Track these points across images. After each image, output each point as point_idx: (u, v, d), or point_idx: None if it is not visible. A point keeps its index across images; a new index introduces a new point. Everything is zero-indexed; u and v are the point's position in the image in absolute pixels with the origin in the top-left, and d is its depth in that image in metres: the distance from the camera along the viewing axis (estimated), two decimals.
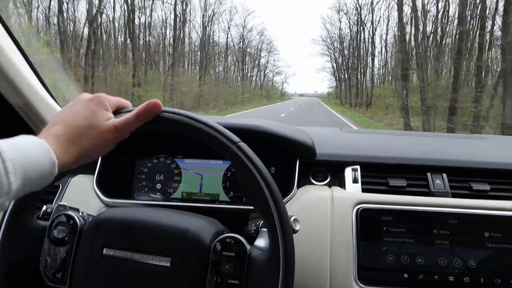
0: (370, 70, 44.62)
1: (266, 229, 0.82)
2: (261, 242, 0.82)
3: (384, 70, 40.72)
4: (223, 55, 48.84)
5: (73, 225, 0.85)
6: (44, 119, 1.22)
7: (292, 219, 0.78)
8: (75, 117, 0.72)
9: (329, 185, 1.17)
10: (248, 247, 0.78)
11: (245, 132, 1.08)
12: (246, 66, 60.16)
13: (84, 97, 0.76)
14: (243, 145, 0.77)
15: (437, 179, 1.13)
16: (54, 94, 1.30)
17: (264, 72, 74.93)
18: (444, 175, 1.14)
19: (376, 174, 1.15)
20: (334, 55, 62.75)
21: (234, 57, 54.83)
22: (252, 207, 1.06)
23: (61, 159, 0.66)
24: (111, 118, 0.75)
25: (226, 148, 0.76)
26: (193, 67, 39.15)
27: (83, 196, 1.17)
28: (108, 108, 0.76)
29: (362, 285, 0.97)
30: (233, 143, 0.76)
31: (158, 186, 1.25)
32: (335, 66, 66.08)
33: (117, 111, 0.79)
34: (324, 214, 1.04)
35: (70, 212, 0.88)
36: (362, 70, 46.19)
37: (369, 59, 44.47)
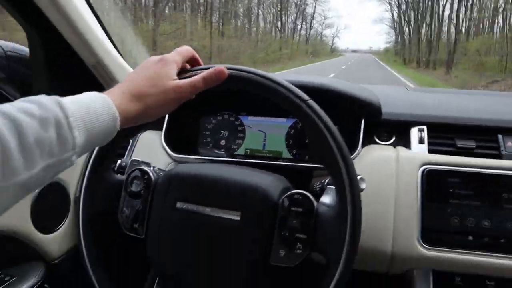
0: (454, 13, 34.26)
1: (332, 187, 0.84)
2: (327, 199, 0.84)
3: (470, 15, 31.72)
4: None
5: (148, 180, 0.91)
6: (115, 77, 1.27)
7: (358, 177, 0.79)
8: (140, 77, 0.74)
9: (394, 145, 1.15)
10: (315, 203, 0.81)
11: (310, 90, 1.08)
12: (288, 16, 53.70)
13: (152, 59, 0.78)
14: (313, 103, 0.77)
15: (508, 141, 1.08)
16: (122, 52, 1.35)
17: (311, 23, 68.63)
18: None
19: (444, 134, 1.12)
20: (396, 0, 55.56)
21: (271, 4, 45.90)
22: (315, 165, 1.08)
23: (123, 114, 0.67)
24: (175, 79, 0.76)
25: (296, 106, 0.77)
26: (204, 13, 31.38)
27: (152, 151, 1.22)
28: (173, 69, 0.76)
29: (425, 246, 0.97)
30: (303, 101, 0.77)
31: (222, 142, 1.29)
32: (395, 15, 60.23)
33: (186, 70, 0.80)
34: (389, 174, 1.03)
35: (144, 167, 0.93)
36: (437, 14, 36.86)
37: None
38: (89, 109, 0.62)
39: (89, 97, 0.65)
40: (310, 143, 0.79)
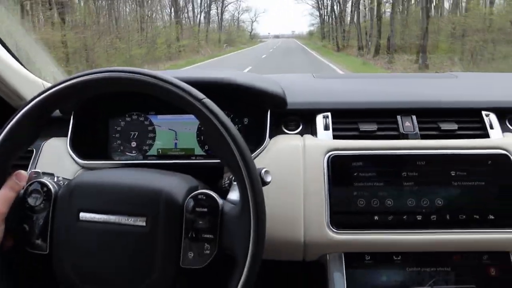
0: None
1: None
2: (233, 195, 0.85)
3: None
4: None
5: (47, 192, 0.86)
6: (11, 85, 1.20)
7: (263, 171, 0.80)
8: None
9: (302, 133, 1.18)
10: (220, 201, 0.81)
11: (212, 86, 1.08)
12: None
13: None
14: (208, 101, 0.77)
15: (406, 121, 1.15)
16: (17, 55, 1.27)
17: (222, 7, 60.21)
18: (414, 116, 1.15)
19: (347, 120, 1.16)
20: None
21: None
22: None
23: None
24: None
25: (191, 106, 0.76)
26: None
27: (58, 160, 1.17)
28: None
29: (335, 230, 1.01)
30: (198, 100, 0.76)
31: (133, 144, 1.26)
32: None
33: None
34: (296, 163, 1.06)
35: (44, 179, 0.88)
36: None
37: None
38: None
39: None
40: (208, 142, 0.79)
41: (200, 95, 0.77)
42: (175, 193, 0.83)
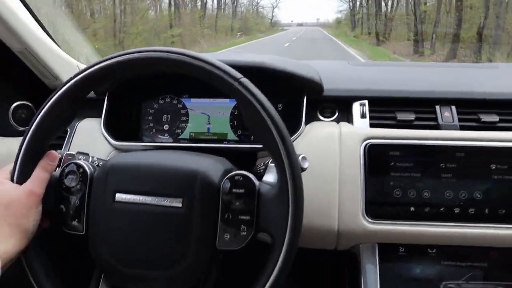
0: None
1: (274, 164, 0.84)
2: (270, 177, 0.84)
3: None
4: None
5: (83, 173, 0.86)
6: (46, 63, 1.20)
7: (300, 157, 0.79)
8: None
9: (337, 120, 1.16)
10: (257, 183, 0.80)
11: (249, 69, 1.06)
12: None
13: None
14: (246, 80, 0.76)
15: (445, 111, 1.12)
16: (53, 36, 1.28)
17: None
18: (453, 107, 1.12)
19: (384, 108, 1.14)
20: None
21: None
22: (260, 146, 1.07)
23: (2, 248, 0.73)
24: (18, 187, 0.80)
25: (228, 85, 0.75)
26: None
27: (92, 140, 1.17)
28: (4, 182, 0.81)
29: (370, 220, 0.99)
30: (235, 79, 0.75)
31: (166, 127, 1.26)
32: None
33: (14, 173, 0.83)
34: (332, 151, 1.04)
35: (80, 161, 0.89)
36: None
37: None
38: None
39: None
40: (247, 123, 0.78)
41: (237, 74, 0.76)
42: (211, 174, 0.82)
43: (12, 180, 0.82)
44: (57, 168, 0.90)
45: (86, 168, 0.86)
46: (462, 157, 1.01)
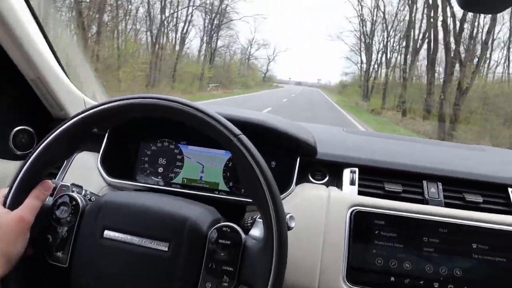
0: None
1: (261, 220, 0.86)
2: (256, 231, 0.85)
3: None
4: None
5: (76, 206, 0.87)
6: (55, 94, 1.24)
7: (288, 216, 0.81)
8: None
9: (327, 184, 1.19)
10: (243, 236, 0.82)
11: (247, 126, 1.11)
12: None
13: None
14: (244, 138, 0.79)
15: (432, 187, 1.16)
16: (65, 68, 1.33)
17: (211, 29, 37.97)
18: (440, 184, 1.16)
19: (374, 177, 1.18)
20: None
21: None
22: (249, 200, 1.10)
23: None
24: (9, 212, 0.81)
25: (227, 140, 0.79)
26: None
27: (87, 173, 1.19)
28: None
29: (349, 285, 1.00)
30: (234, 135, 0.79)
31: (160, 169, 1.28)
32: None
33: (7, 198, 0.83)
34: (319, 213, 1.07)
35: (73, 193, 0.90)
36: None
37: None
38: None
39: None
40: (240, 177, 0.81)
41: (237, 130, 0.80)
42: (200, 222, 0.84)
43: (4, 204, 0.82)
44: (50, 197, 0.91)
45: (79, 201, 0.88)
46: (445, 233, 1.04)
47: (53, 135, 0.85)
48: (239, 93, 37.50)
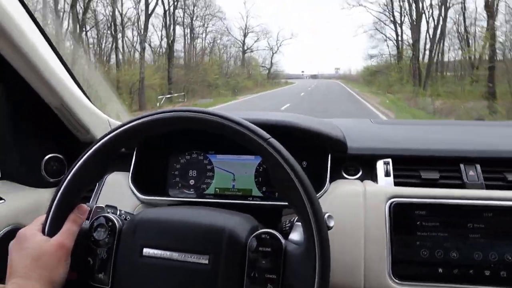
0: None
1: (300, 223, 0.84)
2: (296, 235, 0.83)
3: None
4: None
5: (112, 227, 0.88)
6: (80, 119, 1.26)
7: (326, 215, 0.79)
8: (19, 262, 0.78)
9: (361, 178, 1.17)
10: (283, 241, 0.80)
11: (275, 128, 1.09)
12: None
13: (12, 246, 0.83)
14: (274, 141, 0.78)
15: (470, 170, 1.12)
16: (87, 91, 1.34)
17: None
18: (478, 166, 1.12)
19: (408, 166, 1.15)
20: None
21: None
22: (285, 203, 1.08)
23: None
24: (48, 240, 0.81)
25: (257, 145, 0.78)
26: None
27: (119, 193, 1.20)
28: (36, 233, 0.82)
29: (396, 281, 0.97)
30: (264, 139, 0.77)
31: (192, 182, 1.28)
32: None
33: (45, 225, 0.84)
34: (357, 209, 1.04)
35: (109, 214, 0.91)
36: None
37: None
38: None
39: None
40: (274, 182, 0.79)
41: (266, 134, 0.78)
42: (238, 232, 0.83)
43: (43, 232, 0.83)
44: (86, 220, 0.92)
45: (115, 222, 0.88)
46: (490, 217, 1.00)
47: (82, 159, 0.85)
48: (213, 103, 23.62)
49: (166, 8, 29.61)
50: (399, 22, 32.27)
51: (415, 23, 29.37)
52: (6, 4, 0.95)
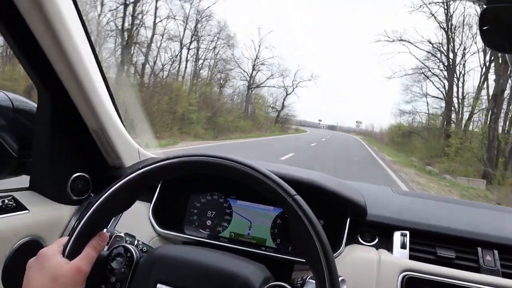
0: None
1: (312, 280, 0.85)
2: None
3: None
4: None
5: (130, 257, 0.89)
6: (114, 144, 1.30)
7: (339, 279, 0.80)
8: (36, 281, 0.80)
9: (377, 247, 1.17)
10: None
11: (298, 185, 1.12)
12: None
13: (31, 263, 0.84)
14: (299, 198, 0.80)
15: (487, 255, 1.11)
16: (124, 120, 1.40)
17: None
18: (496, 251, 1.12)
19: (425, 241, 1.15)
20: None
21: None
22: (297, 258, 1.09)
23: None
24: (67, 262, 0.82)
25: (282, 200, 0.80)
26: None
27: (138, 223, 1.22)
28: (56, 254, 0.83)
29: None
30: (290, 195, 0.80)
31: (208, 222, 1.29)
32: None
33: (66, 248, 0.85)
34: (369, 277, 1.04)
35: (128, 245, 0.92)
36: None
37: None
38: None
39: None
40: (293, 237, 0.81)
41: (292, 191, 0.81)
42: (251, 281, 0.84)
43: (63, 253, 0.84)
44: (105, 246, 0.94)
45: (134, 253, 0.90)
46: None
47: (113, 188, 0.87)
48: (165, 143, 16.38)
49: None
50: (458, 72, 24.91)
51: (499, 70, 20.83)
52: (71, 26, 1.02)
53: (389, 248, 1.15)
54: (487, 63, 23.18)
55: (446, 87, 26.07)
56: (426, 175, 17.35)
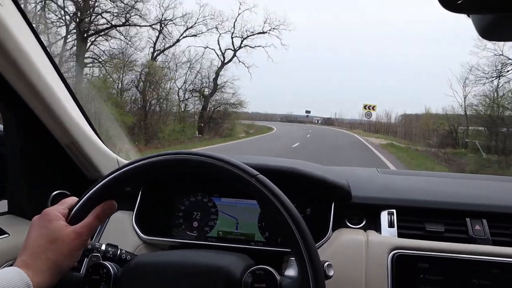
0: None
1: (294, 258, 0.83)
2: (291, 271, 0.84)
3: None
4: None
5: (107, 273, 0.87)
6: (89, 157, 1.28)
7: (325, 264, 0.79)
8: (34, 240, 0.80)
9: (365, 228, 1.16)
10: (278, 277, 0.80)
11: (279, 174, 1.10)
12: None
13: (35, 219, 0.84)
14: (262, 177, 0.79)
15: (476, 224, 1.10)
16: (98, 130, 1.37)
17: None
18: (484, 220, 1.11)
19: (413, 218, 1.14)
20: None
21: None
22: (286, 249, 1.07)
23: (36, 280, 0.75)
24: (68, 226, 0.82)
25: (246, 182, 0.78)
26: None
27: (122, 232, 1.20)
28: (59, 217, 0.83)
29: None
30: (252, 176, 0.78)
31: (195, 224, 1.27)
32: None
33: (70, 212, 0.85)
34: (359, 259, 1.03)
35: (105, 261, 0.90)
36: None
37: None
38: (6, 283, 0.72)
39: (5, 272, 0.74)
40: (266, 219, 0.80)
41: (254, 171, 0.79)
42: (233, 269, 0.83)
43: (66, 218, 0.84)
44: (82, 269, 0.93)
45: (110, 269, 0.87)
46: (497, 274, 0.98)
47: (85, 197, 0.86)
48: None
49: None
50: None
51: None
52: (23, 42, 0.99)
53: (378, 229, 1.14)
54: None
55: None
56: None
